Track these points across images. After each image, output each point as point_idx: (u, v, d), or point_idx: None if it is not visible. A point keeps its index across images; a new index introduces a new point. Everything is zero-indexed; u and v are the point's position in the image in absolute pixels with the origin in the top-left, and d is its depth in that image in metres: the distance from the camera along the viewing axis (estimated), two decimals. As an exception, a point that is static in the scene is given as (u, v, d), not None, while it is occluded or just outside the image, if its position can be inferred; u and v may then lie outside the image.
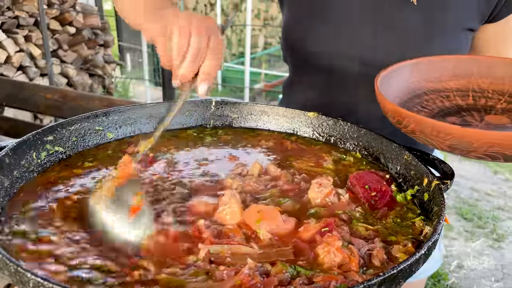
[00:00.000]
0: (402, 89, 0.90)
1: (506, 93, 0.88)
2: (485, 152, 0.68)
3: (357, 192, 0.80)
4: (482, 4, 1.00)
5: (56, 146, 0.89)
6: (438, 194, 0.73)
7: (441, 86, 0.93)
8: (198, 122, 1.13)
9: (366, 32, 1.04)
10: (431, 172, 0.80)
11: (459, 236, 3.29)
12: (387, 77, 0.87)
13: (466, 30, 1.03)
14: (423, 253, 0.58)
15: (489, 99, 0.90)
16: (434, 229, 0.63)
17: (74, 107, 2.34)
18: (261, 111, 1.14)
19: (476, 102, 0.90)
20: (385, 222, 0.73)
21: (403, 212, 0.77)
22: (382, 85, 0.84)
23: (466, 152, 0.70)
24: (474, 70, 0.92)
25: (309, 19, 1.09)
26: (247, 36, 6.26)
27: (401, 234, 0.70)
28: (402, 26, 1.02)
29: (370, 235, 0.68)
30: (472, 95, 0.91)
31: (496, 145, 0.66)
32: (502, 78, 0.89)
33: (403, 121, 0.74)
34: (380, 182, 0.80)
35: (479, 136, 0.66)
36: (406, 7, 1.00)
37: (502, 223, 3.47)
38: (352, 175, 0.83)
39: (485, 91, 0.91)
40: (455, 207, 3.66)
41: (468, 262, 3.01)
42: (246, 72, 6.32)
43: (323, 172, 0.89)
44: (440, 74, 0.93)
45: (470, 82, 0.92)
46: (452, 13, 1.00)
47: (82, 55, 4.43)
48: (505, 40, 1.10)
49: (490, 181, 4.18)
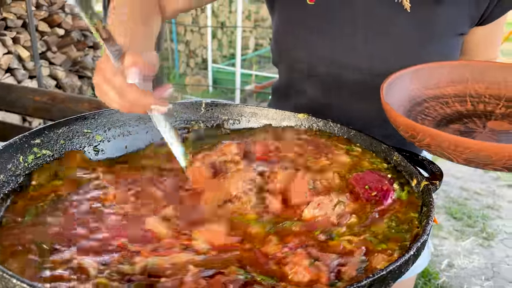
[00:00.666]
0: (404, 97, 0.90)
1: (503, 97, 0.89)
2: (504, 165, 0.67)
3: (358, 193, 0.79)
4: (473, 8, 1.01)
5: (43, 149, 0.88)
6: (427, 194, 0.73)
7: (440, 93, 0.93)
8: (187, 124, 1.12)
9: (359, 39, 1.04)
10: (420, 173, 0.80)
11: (449, 236, 3.32)
12: (391, 85, 0.87)
13: (458, 35, 1.04)
14: (412, 254, 0.58)
15: (487, 104, 0.90)
16: (423, 230, 0.63)
17: (63, 109, 2.32)
18: (251, 112, 1.14)
19: (475, 107, 0.91)
20: (374, 230, 0.69)
21: (402, 212, 0.74)
22: (387, 94, 0.83)
23: (483, 165, 0.70)
24: (467, 75, 0.92)
25: (301, 28, 1.09)
26: (238, 38, 6.27)
27: (392, 241, 0.67)
28: (395, 32, 1.02)
29: (355, 247, 0.65)
30: (470, 100, 0.91)
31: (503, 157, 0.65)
32: (497, 82, 0.89)
33: (418, 136, 0.73)
34: (382, 182, 0.78)
35: (498, 150, 0.65)
36: (399, 14, 1.00)
37: (491, 221, 3.50)
38: (352, 177, 0.82)
39: (482, 96, 0.91)
40: (445, 206, 3.69)
41: (459, 261, 3.04)
42: (237, 73, 6.33)
43: (340, 169, 0.87)
44: (437, 81, 0.93)
45: (467, 87, 0.92)
46: (444, 18, 1.01)
47: (71, 57, 4.40)
48: (493, 42, 1.11)
49: (479, 180, 4.22)
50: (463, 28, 1.03)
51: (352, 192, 0.79)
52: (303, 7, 1.06)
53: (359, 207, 0.75)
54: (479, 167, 0.72)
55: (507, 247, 3.19)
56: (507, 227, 3.44)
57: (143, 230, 0.69)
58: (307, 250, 0.63)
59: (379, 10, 1.02)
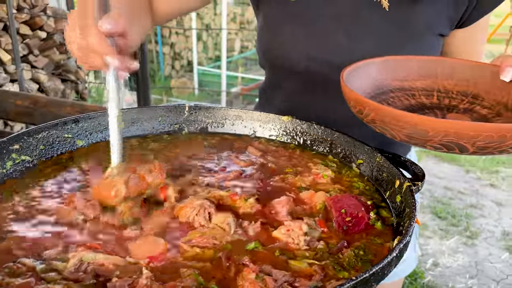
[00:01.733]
0: (368, 85, 0.91)
1: (470, 94, 0.90)
2: (440, 142, 0.69)
3: (332, 216, 0.76)
4: (451, 9, 1.02)
5: (22, 155, 0.86)
6: (409, 195, 0.74)
7: (408, 85, 0.94)
8: (171, 128, 1.12)
9: (341, 37, 1.05)
10: (402, 174, 0.81)
11: (434, 235, 3.36)
12: (354, 71, 0.88)
13: (437, 35, 1.05)
14: (394, 256, 0.58)
15: (453, 99, 0.92)
16: (406, 231, 0.64)
17: (45, 113, 2.28)
18: (235, 115, 1.14)
19: (440, 101, 0.92)
20: (340, 257, 0.67)
21: (372, 241, 0.72)
22: (348, 78, 0.85)
23: (423, 141, 0.71)
24: (438, 71, 0.94)
25: (284, 25, 1.09)
26: (223, 40, 6.26)
27: (354, 270, 0.65)
28: (376, 31, 1.03)
29: (314, 271, 0.63)
30: (437, 95, 0.93)
31: (451, 134, 0.67)
32: (466, 80, 0.91)
33: (364, 110, 0.75)
34: (358, 208, 0.75)
35: (434, 125, 0.67)
36: (380, 13, 1.01)
37: (474, 220, 3.56)
38: (330, 197, 0.80)
39: (449, 92, 0.93)
40: (430, 206, 3.74)
41: (443, 259, 3.07)
42: (223, 75, 6.32)
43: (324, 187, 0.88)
44: (407, 74, 0.94)
45: (436, 82, 0.94)
46: (422, 18, 1.02)
47: (53, 60, 4.34)
48: (473, 45, 1.13)
49: (463, 179, 4.29)
50: (442, 29, 1.05)
51: (327, 214, 0.78)
52: (286, 4, 1.07)
53: (330, 233, 0.74)
54: (419, 144, 0.73)
55: (490, 245, 3.24)
56: (490, 225, 3.49)
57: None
58: (261, 266, 0.62)
59: (360, 9, 1.03)
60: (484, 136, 0.66)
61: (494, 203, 3.86)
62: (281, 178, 0.91)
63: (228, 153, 1.02)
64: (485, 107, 0.87)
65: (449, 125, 0.67)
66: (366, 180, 0.92)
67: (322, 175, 0.90)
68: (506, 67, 0.84)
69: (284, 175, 0.92)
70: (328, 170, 0.93)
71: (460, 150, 0.71)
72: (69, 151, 0.95)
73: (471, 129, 0.66)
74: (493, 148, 0.68)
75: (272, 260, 0.66)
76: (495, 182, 4.24)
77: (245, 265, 0.63)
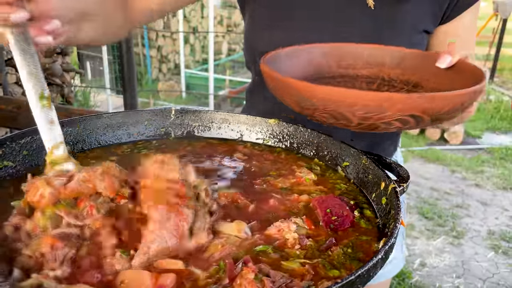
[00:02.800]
0: (308, 69, 0.92)
1: (412, 83, 0.90)
2: (325, 111, 0.69)
3: (318, 216, 0.78)
4: (435, 6, 1.04)
5: (5, 160, 0.85)
6: (394, 197, 0.74)
7: (353, 72, 0.94)
8: (158, 132, 1.11)
9: (326, 37, 1.05)
10: (387, 176, 0.82)
11: (421, 235, 3.39)
12: (295, 53, 0.89)
13: (423, 32, 1.06)
14: (380, 258, 0.58)
15: (393, 87, 0.92)
16: (391, 233, 0.64)
17: (29, 117, 2.25)
18: (222, 118, 1.14)
19: (379, 88, 0.92)
20: (330, 254, 0.68)
21: (360, 239, 0.74)
22: (284, 61, 0.86)
23: (311, 111, 0.72)
24: (387, 59, 0.93)
25: (269, 26, 1.10)
26: (210, 43, 6.25)
27: (345, 268, 0.66)
28: (361, 30, 1.04)
29: (306, 271, 0.64)
30: (379, 82, 0.93)
31: (332, 102, 0.67)
32: (413, 69, 0.90)
33: (271, 84, 0.76)
34: (343, 207, 0.78)
35: (316, 91, 0.68)
36: (365, 11, 1.02)
37: (460, 220, 3.60)
38: (314, 199, 0.82)
39: (393, 80, 0.92)
40: (417, 206, 3.77)
41: (430, 259, 3.11)
42: (210, 78, 6.30)
43: (306, 189, 0.88)
44: (354, 61, 0.95)
45: (382, 71, 0.93)
46: (408, 16, 1.03)
47: (38, 64, 4.28)
48: (459, 40, 1.13)
49: (449, 180, 4.34)
50: (427, 26, 1.06)
51: (311, 214, 0.79)
52: (271, 5, 1.07)
53: (318, 231, 0.75)
54: (309, 115, 0.74)
55: (476, 244, 3.29)
56: (476, 225, 3.54)
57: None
58: (260, 266, 0.63)
59: (345, 8, 1.04)
60: (361, 105, 0.65)
61: (480, 203, 3.91)
62: (263, 180, 0.91)
63: (213, 157, 1.02)
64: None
65: (328, 91, 0.66)
66: (350, 182, 0.92)
67: (304, 179, 0.91)
68: (444, 54, 0.83)
69: (265, 177, 0.92)
70: (311, 173, 0.94)
71: (347, 122, 0.70)
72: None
73: (348, 96, 0.65)
74: (375, 119, 0.67)
75: (267, 261, 0.66)
76: (480, 182, 4.30)
77: (246, 262, 0.63)
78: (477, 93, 0.70)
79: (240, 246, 0.70)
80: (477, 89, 0.68)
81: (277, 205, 0.82)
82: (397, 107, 0.64)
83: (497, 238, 3.36)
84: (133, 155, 1.00)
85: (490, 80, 7.83)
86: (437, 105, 0.65)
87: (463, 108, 0.70)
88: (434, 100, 0.64)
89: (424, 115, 0.66)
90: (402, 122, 0.67)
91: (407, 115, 0.65)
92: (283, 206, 0.82)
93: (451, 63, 0.82)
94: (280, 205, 0.83)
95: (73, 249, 0.62)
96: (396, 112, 0.64)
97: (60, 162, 0.73)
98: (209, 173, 0.93)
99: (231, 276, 0.61)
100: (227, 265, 0.63)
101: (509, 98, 6.56)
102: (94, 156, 0.99)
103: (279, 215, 0.79)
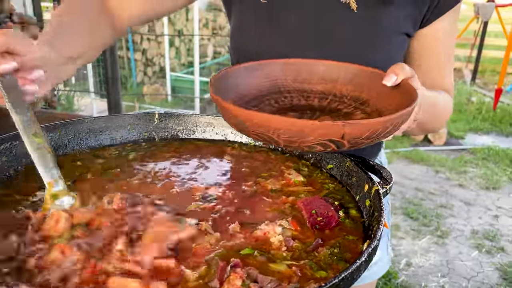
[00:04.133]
0: (264, 84, 0.93)
1: (360, 100, 0.91)
2: (256, 132, 0.72)
3: (304, 217, 0.79)
4: (415, 10, 1.04)
5: (-16, 167, 0.83)
6: (377, 199, 0.75)
7: (308, 88, 0.96)
8: (141, 136, 1.10)
9: (310, 39, 1.06)
10: (371, 178, 0.82)
11: (406, 235, 3.42)
12: (254, 68, 0.92)
13: (404, 35, 1.07)
14: (363, 260, 0.59)
15: (343, 103, 0.93)
16: (374, 235, 0.65)
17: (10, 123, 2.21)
18: (206, 122, 1.13)
19: (329, 104, 0.93)
20: (316, 255, 0.69)
21: (347, 239, 0.74)
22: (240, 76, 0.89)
23: (246, 132, 0.74)
24: (341, 75, 0.94)
25: (253, 27, 1.10)
26: (196, 46, 6.23)
27: (332, 268, 0.66)
28: (343, 31, 1.05)
29: (293, 272, 0.64)
30: (331, 98, 0.94)
31: (261, 125, 0.70)
32: (362, 86, 0.91)
33: (217, 104, 0.78)
34: (328, 208, 0.80)
35: (247, 115, 0.70)
36: (347, 13, 1.03)
37: (445, 220, 3.65)
38: (300, 200, 0.84)
39: (344, 97, 0.93)
40: (402, 207, 3.81)
41: (416, 259, 3.14)
42: (196, 81, 6.28)
43: (296, 190, 0.88)
44: (310, 77, 0.96)
45: (335, 87, 0.95)
46: (390, 19, 1.04)
47: (20, 68, 4.21)
48: (438, 44, 1.14)
49: (433, 180, 4.40)
50: (407, 29, 1.07)
51: (298, 216, 0.80)
52: (256, 5, 1.08)
53: (304, 232, 0.76)
54: (246, 134, 0.76)
55: (460, 244, 3.33)
56: (459, 224, 3.59)
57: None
58: (248, 270, 0.63)
59: (327, 9, 1.04)
60: (285, 130, 0.68)
61: (463, 202, 3.97)
62: (254, 182, 0.91)
63: (199, 160, 1.01)
64: (365, 113, 0.88)
65: (258, 117, 0.69)
66: (337, 182, 0.93)
67: (293, 181, 0.92)
68: (390, 73, 0.84)
69: (256, 179, 0.92)
70: (300, 176, 0.94)
71: (276, 144, 0.73)
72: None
73: (273, 121, 0.68)
74: (298, 143, 0.70)
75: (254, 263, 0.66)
76: (463, 182, 4.37)
77: (235, 266, 0.63)
78: (400, 118, 0.71)
79: (226, 248, 0.70)
80: (395, 116, 0.69)
81: (264, 207, 0.83)
82: (317, 133, 0.67)
83: (481, 237, 3.41)
84: (120, 157, 0.99)
85: (472, 81, 7.96)
86: (354, 131, 0.67)
87: (387, 132, 0.72)
88: (350, 126, 0.67)
89: (343, 141, 0.69)
90: (323, 146, 0.70)
91: (326, 140, 0.68)
92: (270, 208, 0.83)
93: (396, 82, 0.83)
94: (267, 207, 0.83)
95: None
96: (317, 137, 0.67)
97: (60, 196, 0.76)
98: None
99: (221, 279, 0.61)
100: (218, 268, 0.63)
101: (491, 100, 6.68)
102: (80, 158, 0.98)
103: (266, 217, 0.79)
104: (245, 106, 0.88)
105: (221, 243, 0.71)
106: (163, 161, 0.99)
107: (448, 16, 1.06)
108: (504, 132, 5.91)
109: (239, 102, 0.88)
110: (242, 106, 0.85)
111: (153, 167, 0.96)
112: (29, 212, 0.72)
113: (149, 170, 0.94)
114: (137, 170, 0.94)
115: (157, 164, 0.97)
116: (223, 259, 0.66)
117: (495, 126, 6.08)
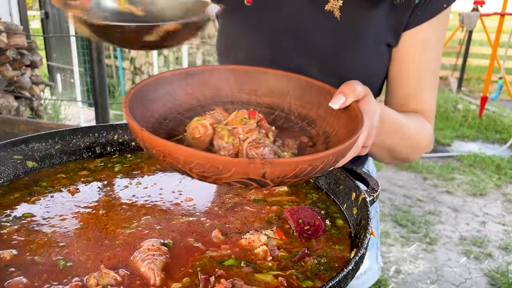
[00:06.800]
0: (206, 92, 0.83)
1: (307, 119, 0.81)
2: (166, 162, 0.60)
3: (291, 226, 0.79)
4: (396, 18, 1.03)
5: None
6: (364, 207, 0.75)
7: (254, 100, 0.85)
8: (130, 145, 1.09)
9: (290, 45, 1.06)
10: (358, 187, 0.82)
11: (395, 242, 3.44)
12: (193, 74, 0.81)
13: (385, 45, 1.07)
14: (350, 269, 0.59)
15: (289, 122, 0.83)
16: (361, 243, 0.65)
17: (-4, 132, 2.18)
18: (194, 131, 1.13)
19: (275, 122, 0.83)
20: (303, 265, 0.68)
21: (333, 249, 0.74)
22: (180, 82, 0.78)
23: (160, 159, 0.62)
24: (291, 89, 0.84)
25: (238, 28, 1.11)
26: (184, 54, 6.23)
27: (319, 278, 0.65)
28: (323, 38, 1.05)
29: (280, 284, 0.63)
30: (277, 113, 0.84)
31: (168, 155, 0.59)
32: (312, 102, 0.81)
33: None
34: (314, 217, 0.79)
35: (154, 143, 0.59)
36: (328, 20, 1.03)
37: (433, 227, 3.67)
38: (286, 209, 0.83)
39: (291, 113, 0.84)
40: (391, 214, 3.83)
41: (405, 266, 3.15)
42: (185, 90, 6.27)
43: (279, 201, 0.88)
44: (257, 87, 0.85)
45: (284, 101, 0.84)
46: (372, 27, 1.04)
47: (6, 77, 4.18)
48: (418, 52, 1.08)
49: (421, 187, 4.43)
50: (389, 39, 1.05)
51: (282, 225, 0.80)
52: (242, 7, 1.08)
53: (290, 242, 0.75)
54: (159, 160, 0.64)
55: (449, 250, 3.36)
56: (448, 231, 3.62)
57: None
58: (233, 281, 0.62)
59: (307, 16, 1.05)
60: (196, 163, 0.57)
61: (451, 209, 4.00)
62: (234, 194, 0.91)
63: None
64: (310, 135, 0.79)
65: (164, 145, 0.58)
66: (322, 192, 0.93)
67: (277, 191, 0.92)
68: (338, 93, 0.73)
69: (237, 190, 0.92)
70: (284, 186, 0.94)
71: (188, 176, 0.62)
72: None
73: (182, 153, 0.57)
74: (213, 179, 0.59)
75: (239, 274, 0.66)
76: (451, 189, 4.41)
77: (220, 277, 0.62)
78: (332, 156, 0.60)
79: (210, 258, 0.69)
80: (325, 155, 0.59)
81: (248, 217, 0.82)
82: (233, 171, 0.56)
83: (469, 244, 3.44)
84: (107, 169, 0.99)
85: (458, 89, 8.08)
86: (276, 171, 0.57)
87: (320, 170, 0.61)
88: (271, 166, 0.56)
89: (265, 180, 0.58)
90: (244, 184, 0.59)
91: (246, 179, 0.58)
92: (254, 218, 0.82)
93: (344, 105, 0.73)
94: (251, 217, 0.82)
95: None
96: (234, 174, 0.57)
97: None
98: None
99: None
100: (202, 279, 0.62)
101: (477, 107, 6.78)
102: (64, 170, 0.96)
103: (251, 227, 0.78)
104: (177, 117, 0.75)
105: (206, 254, 0.70)
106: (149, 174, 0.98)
107: (430, 25, 1.04)
108: (490, 139, 5.99)
109: (171, 113, 0.75)
110: (165, 121, 0.72)
111: (138, 180, 0.95)
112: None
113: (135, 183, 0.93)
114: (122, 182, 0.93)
115: (143, 176, 0.97)
116: (206, 270, 0.65)
117: (481, 133, 6.17)
